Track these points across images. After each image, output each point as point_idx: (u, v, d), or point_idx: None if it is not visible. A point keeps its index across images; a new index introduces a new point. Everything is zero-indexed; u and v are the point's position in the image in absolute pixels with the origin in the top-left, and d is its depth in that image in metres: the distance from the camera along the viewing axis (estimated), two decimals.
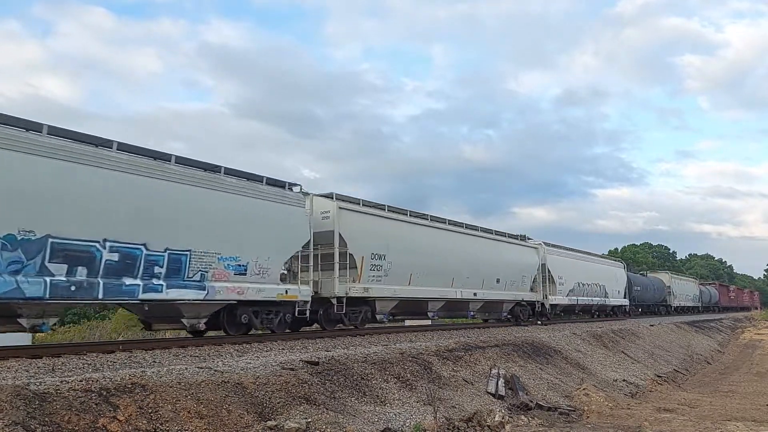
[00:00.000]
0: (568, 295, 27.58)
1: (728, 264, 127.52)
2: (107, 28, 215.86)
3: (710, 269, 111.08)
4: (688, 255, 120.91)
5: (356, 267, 15.78)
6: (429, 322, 24.15)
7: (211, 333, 13.54)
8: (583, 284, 29.66)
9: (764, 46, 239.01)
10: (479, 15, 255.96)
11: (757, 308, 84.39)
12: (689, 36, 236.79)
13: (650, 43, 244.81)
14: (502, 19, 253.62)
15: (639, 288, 39.62)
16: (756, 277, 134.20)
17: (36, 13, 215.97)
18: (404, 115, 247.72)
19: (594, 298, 30.76)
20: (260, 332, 13.99)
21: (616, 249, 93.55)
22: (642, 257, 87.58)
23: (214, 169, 12.54)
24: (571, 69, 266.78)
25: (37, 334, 22.36)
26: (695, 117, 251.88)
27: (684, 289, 52.66)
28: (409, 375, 10.48)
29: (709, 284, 70.59)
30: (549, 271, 26.09)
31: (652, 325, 27.69)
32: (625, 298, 35.50)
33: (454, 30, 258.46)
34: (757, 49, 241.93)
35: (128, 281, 10.43)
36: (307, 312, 14.39)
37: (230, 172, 12.93)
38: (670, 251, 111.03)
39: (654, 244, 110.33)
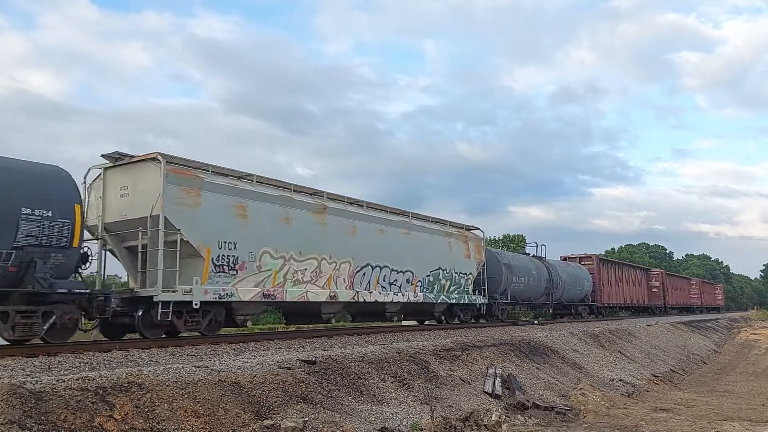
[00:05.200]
0: None
1: (725, 264, 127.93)
2: (92, 20, 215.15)
3: (707, 269, 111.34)
4: (685, 255, 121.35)
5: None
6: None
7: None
8: None
9: (763, 43, 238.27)
10: (472, 8, 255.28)
11: (717, 309, 63.37)
12: (687, 32, 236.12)
13: (647, 38, 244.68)
14: (495, 13, 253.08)
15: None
16: (753, 278, 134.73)
17: (18, 4, 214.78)
18: (398, 111, 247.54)
19: None
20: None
21: (613, 249, 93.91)
22: (639, 257, 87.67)
23: None
24: (566, 65, 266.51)
25: None
26: (693, 115, 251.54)
27: (403, 260, 17.95)
28: (406, 374, 10.49)
29: (572, 258, 34.81)
30: None
31: (648, 325, 27.80)
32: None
33: (447, 24, 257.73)
34: (755, 47, 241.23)
35: None
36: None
37: None
38: (667, 251, 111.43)
39: (651, 244, 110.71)
